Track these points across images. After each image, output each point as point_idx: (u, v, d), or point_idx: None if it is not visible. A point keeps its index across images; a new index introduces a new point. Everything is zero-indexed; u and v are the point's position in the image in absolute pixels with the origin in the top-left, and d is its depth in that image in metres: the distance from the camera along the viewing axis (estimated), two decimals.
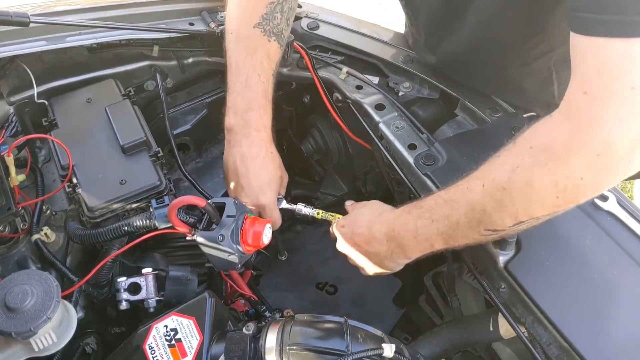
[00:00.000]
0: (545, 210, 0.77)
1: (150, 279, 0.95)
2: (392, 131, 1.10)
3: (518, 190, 0.76)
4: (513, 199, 0.77)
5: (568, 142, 0.71)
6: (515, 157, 0.77)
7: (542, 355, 0.85)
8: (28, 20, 0.97)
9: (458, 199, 0.84)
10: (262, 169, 1.06)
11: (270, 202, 1.06)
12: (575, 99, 0.72)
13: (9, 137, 1.09)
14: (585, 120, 0.70)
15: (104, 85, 1.17)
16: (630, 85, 0.66)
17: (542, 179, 0.74)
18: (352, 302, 1.32)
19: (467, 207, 0.82)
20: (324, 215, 1.10)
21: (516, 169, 0.76)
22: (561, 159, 0.72)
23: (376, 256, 0.98)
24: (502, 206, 0.78)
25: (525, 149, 0.76)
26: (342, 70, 1.23)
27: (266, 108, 1.08)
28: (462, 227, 0.84)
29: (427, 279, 1.26)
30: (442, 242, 0.88)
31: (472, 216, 0.82)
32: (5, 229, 0.97)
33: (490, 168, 0.81)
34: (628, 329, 0.84)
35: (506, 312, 0.89)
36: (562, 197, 0.74)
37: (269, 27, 1.10)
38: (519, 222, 0.79)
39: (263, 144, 1.07)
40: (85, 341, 0.98)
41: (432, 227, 0.87)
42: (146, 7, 1.23)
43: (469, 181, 0.83)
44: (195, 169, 1.38)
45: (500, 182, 0.78)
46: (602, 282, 0.87)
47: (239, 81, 1.08)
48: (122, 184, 0.98)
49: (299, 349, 0.80)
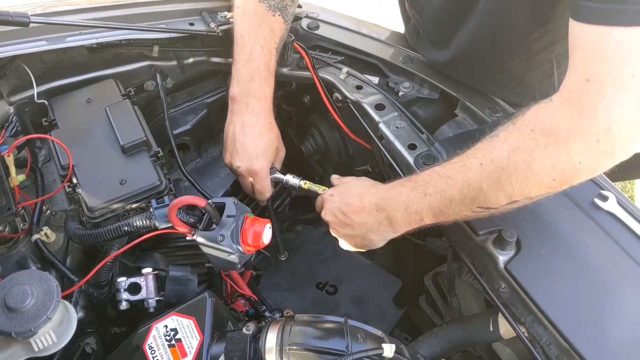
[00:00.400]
0: (540, 191, 0.80)
1: (150, 279, 0.95)
2: (392, 131, 1.10)
3: (516, 171, 0.78)
4: (511, 179, 0.79)
5: (570, 127, 0.73)
6: (516, 139, 0.79)
7: (542, 355, 0.85)
8: (28, 20, 0.97)
9: (454, 175, 0.86)
10: (259, 136, 1.10)
11: (262, 168, 1.10)
12: (577, 86, 0.73)
13: (9, 137, 1.09)
14: (587, 106, 0.72)
15: (104, 85, 1.17)
16: (630, 73, 0.69)
17: (541, 162, 0.76)
18: (352, 302, 1.32)
19: (463, 184, 0.84)
20: (310, 186, 1.12)
21: (516, 150, 0.78)
22: (562, 143, 0.74)
23: (362, 227, 0.98)
24: (499, 185, 0.80)
25: (526, 132, 0.78)
26: (342, 70, 1.23)
27: (267, 79, 1.13)
28: (456, 203, 0.86)
29: (427, 279, 1.26)
30: (432, 217, 0.90)
31: (467, 193, 0.84)
32: (5, 229, 0.97)
33: (488, 147, 0.83)
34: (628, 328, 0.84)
35: (506, 312, 0.89)
36: (559, 180, 0.77)
37: (274, 2, 1.15)
38: (513, 201, 0.81)
39: (262, 113, 1.11)
40: (85, 341, 0.98)
41: (425, 201, 0.89)
42: (146, 7, 1.23)
43: (466, 159, 0.85)
44: (195, 169, 1.38)
45: (499, 161, 0.80)
46: (602, 282, 0.87)
47: (243, 53, 1.13)
48: (122, 184, 0.98)
49: (299, 349, 0.80)
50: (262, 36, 1.13)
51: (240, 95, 1.11)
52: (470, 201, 0.84)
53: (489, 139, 0.84)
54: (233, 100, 1.12)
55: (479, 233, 0.92)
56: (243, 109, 1.11)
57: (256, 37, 1.13)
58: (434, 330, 1.06)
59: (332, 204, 1.03)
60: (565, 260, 0.89)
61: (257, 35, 1.13)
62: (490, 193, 0.82)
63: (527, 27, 1.02)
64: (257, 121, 1.10)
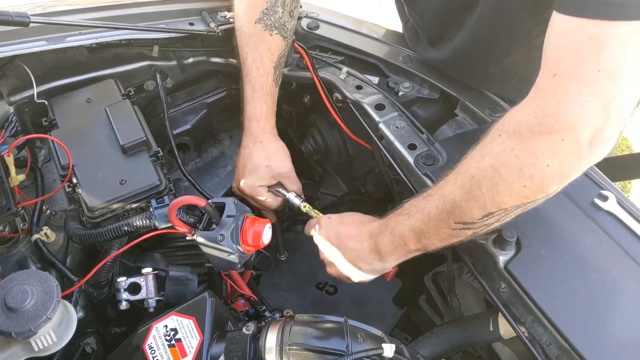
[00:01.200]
0: (513, 201, 0.76)
1: (150, 279, 0.95)
2: (392, 131, 1.10)
3: (485, 178, 0.76)
4: (481, 188, 0.77)
5: (532, 125, 0.71)
6: (484, 146, 0.78)
7: (542, 355, 0.85)
8: (28, 20, 0.97)
9: (433, 192, 0.87)
10: (246, 158, 1.14)
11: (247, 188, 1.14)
12: (543, 82, 0.71)
13: (9, 137, 1.09)
14: (550, 102, 0.69)
15: (104, 85, 1.17)
16: (597, 68, 0.66)
17: (507, 166, 0.74)
18: (352, 302, 1.32)
19: (439, 199, 0.84)
20: (309, 210, 1.14)
21: (484, 157, 0.77)
22: (526, 143, 0.72)
23: (353, 253, 0.99)
24: (471, 195, 0.78)
25: (494, 137, 0.77)
26: (342, 70, 1.23)
27: (261, 99, 1.16)
28: (433, 221, 0.85)
29: (427, 279, 1.26)
30: (414, 239, 0.89)
31: (442, 208, 0.83)
32: (5, 229, 0.97)
33: (463, 161, 0.82)
34: (628, 328, 0.84)
35: (506, 312, 0.89)
36: (529, 186, 0.74)
37: (270, 22, 1.16)
38: (488, 213, 0.79)
39: (253, 134, 1.15)
40: (85, 341, 0.98)
41: (407, 222, 0.89)
42: (146, 7, 1.23)
43: (446, 176, 0.86)
44: (195, 169, 1.38)
45: (469, 170, 0.79)
46: (602, 282, 0.87)
47: (243, 76, 1.17)
48: (122, 184, 0.98)
49: (299, 349, 0.80)
50: (258, 57, 1.15)
51: (243, 118, 1.17)
52: (446, 216, 0.83)
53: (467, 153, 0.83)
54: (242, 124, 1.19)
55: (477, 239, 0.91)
56: (242, 132, 1.17)
57: (253, 59, 1.16)
58: (434, 330, 1.06)
59: (329, 224, 1.04)
60: (565, 260, 0.89)
61: (254, 57, 1.16)
62: (464, 205, 0.80)
63: (528, 23, 1.01)
64: (247, 142, 1.15)
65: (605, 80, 0.66)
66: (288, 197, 1.15)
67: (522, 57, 1.10)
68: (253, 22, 1.16)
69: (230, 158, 1.39)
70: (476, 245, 0.93)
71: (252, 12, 1.16)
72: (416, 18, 1.24)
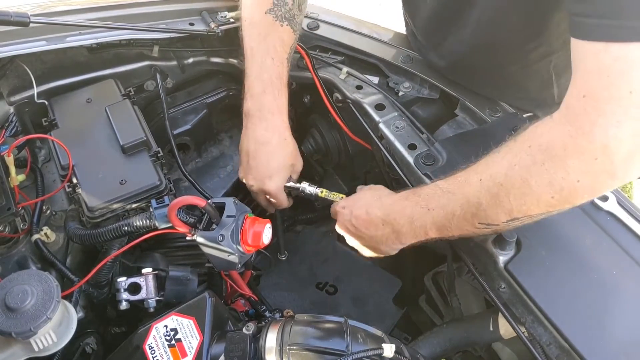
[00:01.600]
0: (539, 209, 0.78)
1: (150, 279, 0.95)
2: (392, 131, 1.10)
3: (514, 187, 0.77)
4: (508, 195, 0.78)
5: (566, 144, 0.72)
6: (514, 155, 0.78)
7: (542, 355, 0.85)
8: (28, 20, 0.97)
9: (455, 190, 0.86)
10: (273, 155, 1.08)
11: (274, 188, 1.10)
12: (574, 102, 0.72)
13: (9, 137, 1.09)
14: (584, 123, 0.70)
15: (104, 85, 1.17)
16: (628, 89, 0.67)
17: (538, 178, 0.75)
18: (352, 302, 1.32)
19: (463, 199, 0.84)
20: (327, 194, 1.11)
21: (514, 166, 0.77)
22: (558, 160, 0.73)
23: (371, 240, 0.99)
24: (498, 201, 0.79)
25: (524, 147, 0.77)
26: (342, 70, 1.23)
27: (281, 90, 1.11)
28: (457, 219, 0.85)
29: (427, 279, 1.26)
30: (436, 231, 0.89)
31: (467, 209, 0.83)
32: (5, 229, 0.97)
33: (488, 163, 0.82)
34: (628, 328, 0.84)
35: (506, 312, 0.89)
36: (558, 198, 0.75)
37: (281, 13, 1.13)
38: (513, 218, 0.80)
39: (277, 129, 1.09)
40: (85, 341, 0.98)
41: (428, 216, 0.89)
42: (146, 7, 1.23)
43: (468, 174, 0.85)
44: (195, 169, 1.38)
45: (497, 177, 0.79)
46: (602, 282, 0.87)
47: (254, 65, 1.11)
48: (122, 184, 0.98)
49: (299, 349, 0.80)
50: (272, 47, 1.11)
51: (254, 109, 1.09)
52: (470, 217, 0.83)
53: (492, 154, 0.83)
54: (247, 115, 1.10)
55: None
56: (257, 124, 1.09)
57: (266, 48, 1.11)
58: (434, 330, 1.06)
59: (343, 216, 1.04)
60: (565, 260, 0.89)
61: (267, 47, 1.11)
62: (490, 209, 0.81)
63: (523, 37, 1.02)
64: (270, 138, 1.08)
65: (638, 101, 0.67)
66: (303, 188, 1.13)
67: (520, 69, 1.10)
68: (263, 12, 1.13)
69: (231, 158, 1.39)
70: (476, 245, 0.93)
71: (263, 3, 1.13)
72: (409, 20, 1.25)
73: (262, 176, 1.09)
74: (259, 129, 1.08)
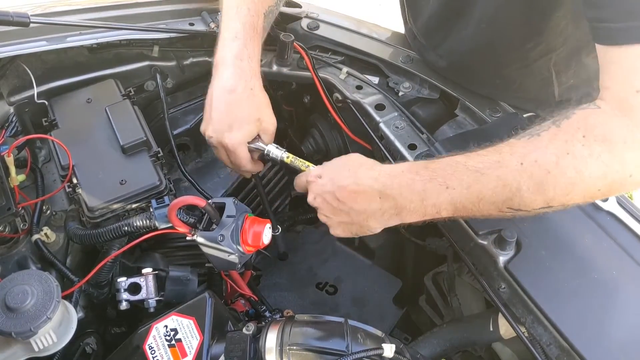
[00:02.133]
0: (581, 200, 0.76)
1: (150, 279, 0.95)
2: (392, 131, 1.10)
3: (564, 176, 0.74)
4: (556, 184, 0.74)
5: (626, 137, 0.72)
6: (565, 142, 0.74)
7: (542, 355, 0.85)
8: (28, 21, 0.97)
9: (486, 170, 0.78)
10: (235, 105, 0.97)
11: (234, 142, 0.97)
12: (628, 97, 0.72)
13: (9, 137, 1.09)
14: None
15: (104, 85, 1.17)
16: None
17: (593, 170, 0.73)
18: (352, 302, 1.32)
19: (497, 182, 0.77)
20: (293, 160, 0.99)
21: (566, 155, 0.74)
22: (617, 153, 0.72)
23: (361, 214, 0.86)
24: (541, 189, 0.75)
25: (577, 137, 0.74)
26: (342, 70, 1.23)
27: (253, 37, 1.01)
28: (485, 202, 0.78)
29: (427, 279, 1.26)
30: (451, 211, 0.81)
31: (501, 192, 0.77)
32: (5, 229, 0.97)
33: (529, 146, 0.77)
34: (628, 329, 0.84)
35: (506, 312, 0.89)
36: (604, 191, 0.75)
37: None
38: (549, 206, 0.77)
39: (243, 76, 0.98)
40: (85, 341, 0.98)
41: (446, 194, 0.79)
42: (146, 7, 1.24)
43: (501, 154, 0.78)
44: (195, 169, 1.38)
45: (546, 164, 0.74)
46: (602, 282, 0.87)
47: (228, 15, 1.03)
48: (122, 184, 0.98)
49: (299, 349, 0.80)
50: (250, 0, 1.03)
51: (221, 57, 0.99)
52: (502, 201, 0.77)
53: (527, 137, 0.78)
54: (214, 65, 1.00)
55: (479, 233, 0.92)
56: (223, 71, 0.98)
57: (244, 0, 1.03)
58: (434, 330, 1.06)
59: (321, 187, 0.89)
60: (565, 260, 0.89)
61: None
62: (529, 196, 0.76)
63: (522, 35, 1.02)
64: (235, 86, 0.97)
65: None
66: (268, 150, 1.00)
67: (520, 68, 1.10)
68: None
69: None
70: (476, 245, 0.93)
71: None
72: (410, 20, 1.25)
73: (222, 127, 0.97)
74: (224, 76, 0.98)
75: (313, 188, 0.91)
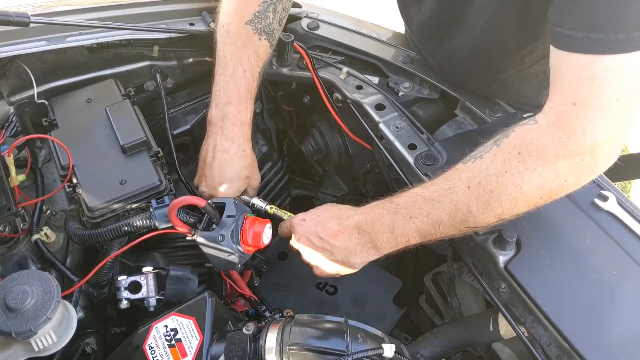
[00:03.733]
0: (527, 208, 0.83)
1: (150, 278, 0.95)
2: (392, 131, 1.10)
3: (506, 193, 0.81)
4: (500, 201, 0.82)
5: (557, 149, 0.77)
6: (502, 162, 0.82)
7: (542, 355, 0.85)
8: (28, 21, 0.97)
9: (440, 198, 0.86)
10: (229, 163, 1.05)
11: (225, 196, 1.04)
12: (564, 109, 0.77)
13: (9, 137, 1.09)
14: (575, 129, 0.76)
15: (104, 85, 1.17)
16: (616, 97, 0.73)
17: (530, 183, 0.80)
18: (352, 302, 1.32)
19: (451, 207, 0.85)
20: (276, 211, 1.07)
21: (504, 173, 0.81)
22: (550, 164, 0.78)
23: (343, 251, 0.94)
24: (489, 207, 0.83)
25: (513, 155, 0.81)
26: (342, 70, 1.23)
27: (247, 103, 1.09)
28: (444, 226, 0.87)
29: (427, 279, 1.26)
30: (418, 238, 0.90)
31: (455, 216, 0.85)
32: (5, 229, 0.97)
33: (474, 170, 0.84)
34: (628, 328, 0.84)
35: (506, 312, 0.89)
36: (545, 197, 0.81)
37: (260, 26, 1.12)
38: (502, 219, 0.84)
39: (236, 139, 1.07)
40: (85, 341, 0.98)
41: (410, 224, 0.89)
42: (146, 7, 1.24)
43: (450, 181, 0.86)
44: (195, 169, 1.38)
45: (488, 185, 0.82)
46: (602, 282, 0.87)
47: (224, 74, 1.09)
48: (122, 184, 0.98)
49: (299, 349, 0.80)
50: (246, 59, 1.09)
51: (217, 118, 1.07)
52: (459, 223, 0.86)
53: (472, 160, 0.85)
54: (209, 122, 1.09)
55: (479, 233, 0.92)
56: (218, 132, 1.07)
57: (240, 59, 1.09)
58: (434, 330, 1.06)
59: (305, 228, 0.98)
60: (565, 260, 0.89)
61: (241, 58, 1.09)
62: (479, 215, 0.83)
63: (517, 41, 1.03)
64: (228, 148, 1.06)
65: (623, 108, 0.74)
66: (253, 202, 1.09)
67: (516, 72, 1.11)
68: (243, 23, 1.10)
69: None
70: (476, 245, 0.93)
71: (244, 13, 1.11)
72: (406, 27, 1.25)
73: (215, 183, 1.05)
74: (219, 137, 1.06)
75: (298, 230, 0.99)
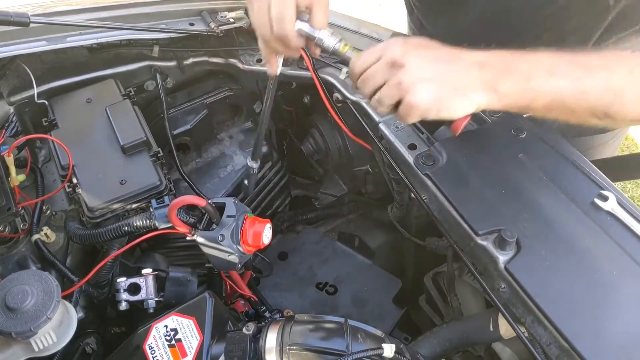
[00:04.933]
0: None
1: (150, 280, 0.95)
2: (392, 131, 1.10)
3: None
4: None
5: None
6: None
7: (542, 355, 0.85)
8: (28, 21, 0.97)
9: (595, 70, 0.77)
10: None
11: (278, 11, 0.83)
12: None
13: (9, 137, 1.09)
14: None
15: (104, 85, 1.17)
16: None
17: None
18: (352, 302, 1.32)
19: (605, 82, 0.76)
20: (350, 51, 0.88)
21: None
22: None
23: (458, 79, 0.77)
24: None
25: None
26: (342, 70, 1.23)
27: None
28: (585, 100, 0.77)
29: (427, 279, 1.26)
30: (548, 100, 0.78)
31: (603, 95, 0.77)
32: (5, 229, 0.97)
33: (637, 60, 0.78)
34: (628, 329, 0.83)
35: (506, 312, 0.89)
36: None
37: None
38: (637, 120, 0.80)
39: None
40: (85, 341, 0.98)
41: (550, 82, 0.77)
42: (146, 7, 1.24)
43: (608, 61, 0.78)
44: (195, 169, 1.38)
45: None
46: (602, 282, 0.87)
47: None
48: (122, 184, 0.98)
49: (299, 349, 0.80)
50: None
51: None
52: (603, 104, 0.77)
53: (632, 51, 0.79)
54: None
55: (479, 233, 0.91)
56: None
57: None
58: (434, 330, 1.06)
59: (404, 45, 0.79)
60: (565, 260, 0.89)
61: None
62: (630, 105, 0.77)
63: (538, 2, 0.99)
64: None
65: None
66: (320, 37, 0.87)
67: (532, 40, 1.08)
68: None
69: (230, 158, 1.39)
70: (476, 245, 0.93)
71: None
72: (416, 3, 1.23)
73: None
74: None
75: (397, 42, 0.80)
